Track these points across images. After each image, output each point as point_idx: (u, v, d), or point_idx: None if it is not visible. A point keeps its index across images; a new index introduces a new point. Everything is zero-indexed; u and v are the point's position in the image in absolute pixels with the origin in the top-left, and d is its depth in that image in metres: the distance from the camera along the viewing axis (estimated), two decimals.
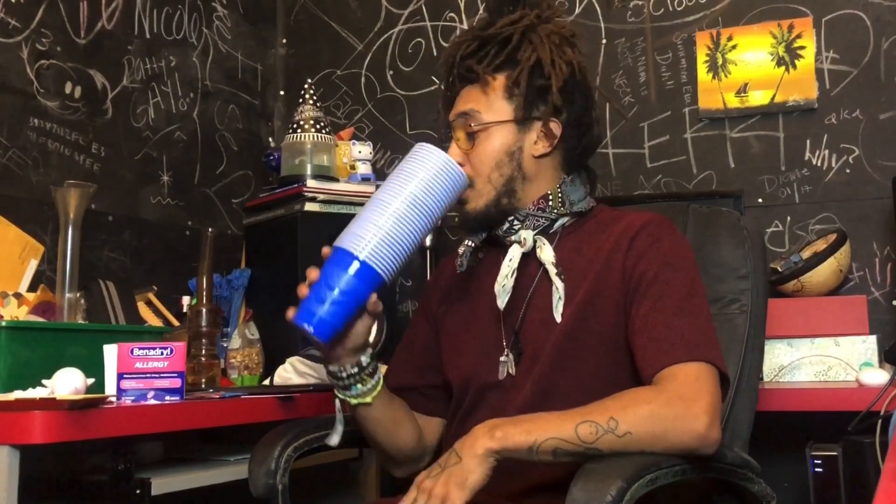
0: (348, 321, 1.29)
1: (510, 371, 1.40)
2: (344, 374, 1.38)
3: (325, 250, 1.29)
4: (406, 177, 1.28)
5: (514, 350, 1.41)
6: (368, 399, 1.40)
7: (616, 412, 1.18)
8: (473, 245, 1.46)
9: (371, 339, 1.38)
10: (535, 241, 1.40)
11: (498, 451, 1.17)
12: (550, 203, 1.43)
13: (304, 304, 1.27)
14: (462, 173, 1.31)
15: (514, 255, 1.40)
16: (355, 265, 1.25)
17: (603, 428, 1.17)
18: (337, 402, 1.42)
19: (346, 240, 1.27)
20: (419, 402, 1.56)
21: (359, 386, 1.39)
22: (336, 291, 1.25)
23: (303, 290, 1.28)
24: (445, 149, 1.38)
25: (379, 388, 1.41)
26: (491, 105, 1.42)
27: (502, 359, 1.41)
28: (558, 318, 1.35)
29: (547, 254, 1.39)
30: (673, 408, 1.19)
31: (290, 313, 1.27)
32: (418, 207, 1.27)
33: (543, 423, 1.19)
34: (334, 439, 1.43)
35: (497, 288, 1.39)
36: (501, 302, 1.39)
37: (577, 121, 1.44)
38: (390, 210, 1.26)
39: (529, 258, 1.42)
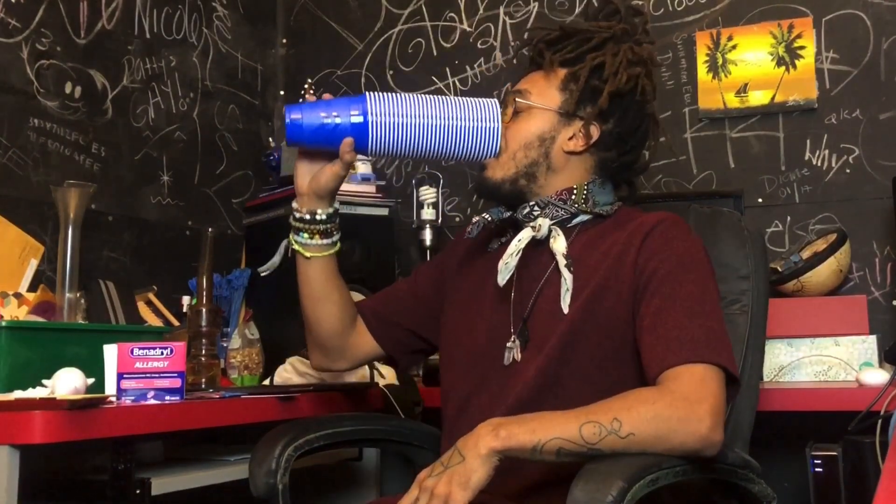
0: (318, 144, 1.38)
1: (515, 357, 1.40)
2: (296, 216, 1.47)
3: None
4: (453, 100, 1.38)
5: (522, 337, 1.41)
6: (307, 254, 1.49)
7: (620, 413, 1.17)
8: (489, 219, 1.49)
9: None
10: (550, 231, 1.41)
11: (502, 450, 1.17)
12: (574, 197, 1.45)
13: (301, 105, 1.38)
14: (498, 118, 1.38)
15: (523, 236, 1.40)
16: (357, 117, 1.36)
17: (606, 429, 1.16)
18: (285, 241, 1.52)
19: (374, 96, 1.36)
20: (371, 321, 1.62)
21: (304, 235, 1.48)
22: (332, 116, 1.36)
23: (310, 97, 1.39)
24: None
25: (325, 253, 1.50)
26: (544, 91, 1.47)
27: (509, 344, 1.42)
28: (565, 309, 1.36)
29: (559, 244, 1.39)
30: (677, 409, 1.18)
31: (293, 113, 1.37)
32: (438, 113, 1.36)
33: (548, 423, 1.18)
34: (264, 267, 1.55)
35: (500, 264, 1.39)
36: (502, 279, 1.39)
37: (620, 134, 1.47)
38: (412, 99, 1.36)
39: (544, 248, 1.42)
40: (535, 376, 1.37)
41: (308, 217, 1.46)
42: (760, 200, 2.41)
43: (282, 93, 2.96)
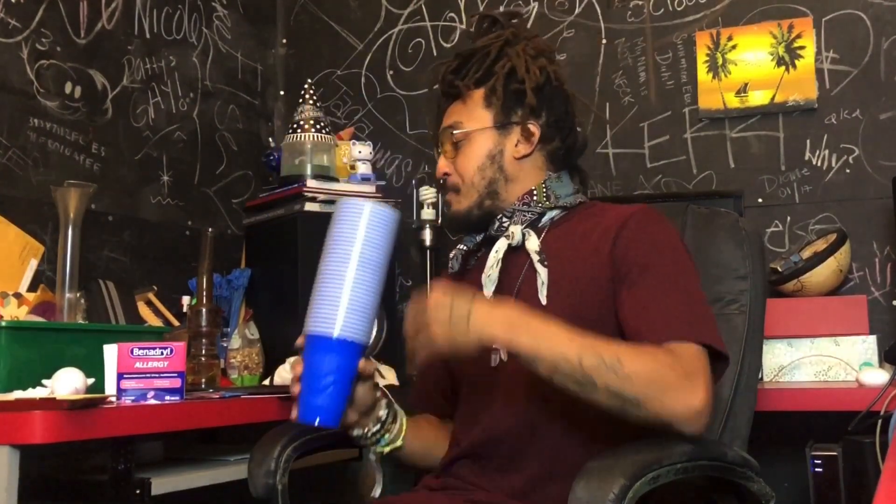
0: (348, 397, 1.31)
1: (502, 357, 1.42)
2: (369, 434, 1.43)
3: (300, 341, 1.30)
4: (344, 240, 1.30)
5: None
6: (399, 443, 1.46)
7: (624, 354, 1.20)
8: (465, 248, 1.52)
9: (374, 349, 1.41)
10: (523, 235, 1.44)
11: (501, 345, 1.25)
12: (535, 198, 1.47)
13: (301, 401, 1.28)
14: (391, 210, 1.32)
15: (500, 247, 1.45)
16: (334, 346, 1.26)
17: (606, 364, 1.19)
18: (371, 455, 1.46)
19: (315, 324, 1.28)
20: (443, 415, 1.60)
21: (386, 436, 1.44)
22: (327, 378, 1.26)
23: (295, 388, 1.30)
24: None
25: (405, 429, 1.46)
26: (471, 115, 1.50)
27: (495, 346, 1.42)
28: (543, 301, 1.38)
29: (532, 243, 1.43)
30: (677, 375, 1.20)
31: (294, 414, 1.28)
32: (367, 264, 1.29)
33: (553, 340, 1.22)
34: (377, 491, 1.47)
35: (483, 278, 1.44)
36: (488, 292, 1.43)
37: (556, 122, 1.50)
38: (344, 279, 1.27)
39: (520, 251, 1.45)
40: (524, 372, 1.37)
41: (378, 427, 1.43)
42: (760, 200, 2.41)
43: (282, 93, 2.96)
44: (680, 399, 1.19)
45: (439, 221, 2.57)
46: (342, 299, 1.27)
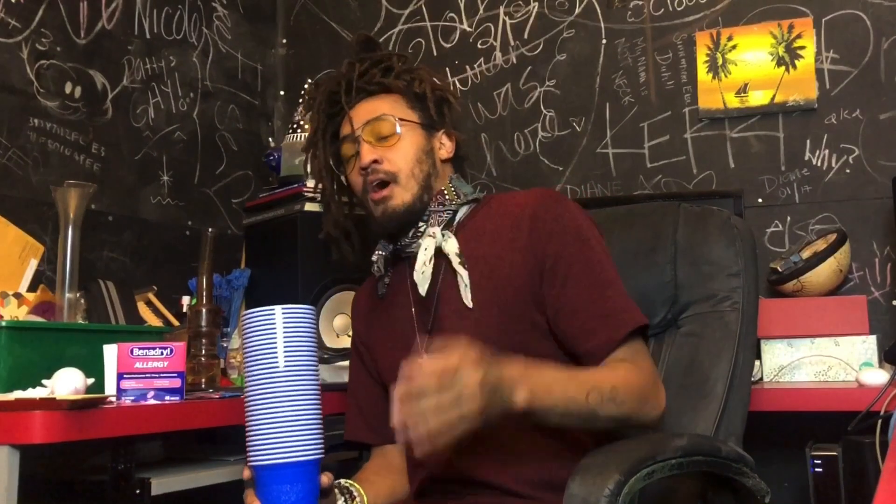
0: None
1: None
2: None
3: (247, 473, 1.22)
4: (263, 355, 1.18)
5: (430, 343, 1.42)
6: None
7: (616, 383, 1.27)
8: (384, 253, 1.53)
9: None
10: (443, 236, 1.45)
11: (528, 409, 1.17)
12: (447, 197, 1.49)
13: None
14: (304, 307, 1.22)
15: (427, 244, 1.44)
16: (287, 473, 1.17)
17: (606, 396, 1.25)
18: None
19: (259, 455, 1.17)
20: (378, 444, 1.57)
21: None
22: None
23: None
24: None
25: (366, 502, 1.40)
26: (398, 111, 1.50)
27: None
28: (468, 304, 1.40)
29: (451, 245, 1.43)
30: (649, 384, 1.32)
31: None
32: (297, 371, 1.18)
33: (561, 388, 1.23)
34: None
35: (416, 276, 1.43)
36: (423, 289, 1.43)
37: (456, 132, 1.57)
38: (275, 400, 1.17)
39: (435, 255, 1.46)
40: None
41: None
42: (760, 200, 2.41)
43: (282, 93, 2.96)
44: (655, 404, 1.33)
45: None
46: (280, 420, 1.16)
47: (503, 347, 1.35)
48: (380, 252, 1.55)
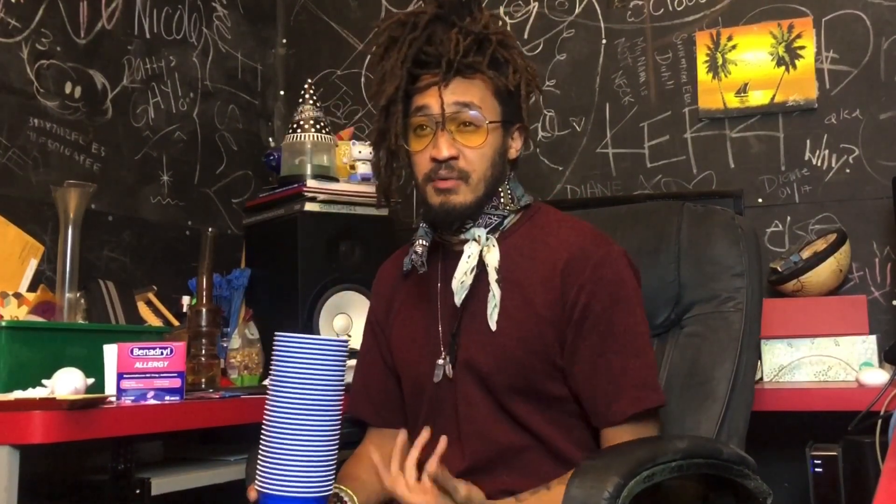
0: None
1: (448, 374, 1.40)
2: None
3: (252, 495, 1.19)
4: (294, 385, 1.15)
5: (452, 352, 1.41)
6: None
7: None
8: (426, 243, 1.44)
9: None
10: (486, 239, 1.38)
11: None
12: (502, 200, 1.41)
13: None
14: (339, 341, 1.19)
15: (472, 251, 1.37)
16: None
17: None
18: None
19: (270, 484, 1.14)
20: (377, 425, 1.55)
21: None
22: None
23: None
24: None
25: None
26: (487, 103, 1.37)
27: (439, 362, 1.41)
28: (493, 327, 1.35)
29: (493, 257, 1.37)
30: None
31: None
32: (325, 407, 1.15)
33: None
34: None
35: (455, 284, 1.37)
36: (459, 298, 1.37)
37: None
38: (298, 433, 1.13)
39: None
40: (470, 392, 1.38)
41: None
42: (760, 200, 2.41)
43: (282, 93, 2.96)
44: None
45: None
46: (303, 455, 1.13)
47: (519, 381, 1.36)
48: (423, 242, 1.43)
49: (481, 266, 1.37)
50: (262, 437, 1.16)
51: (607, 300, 1.33)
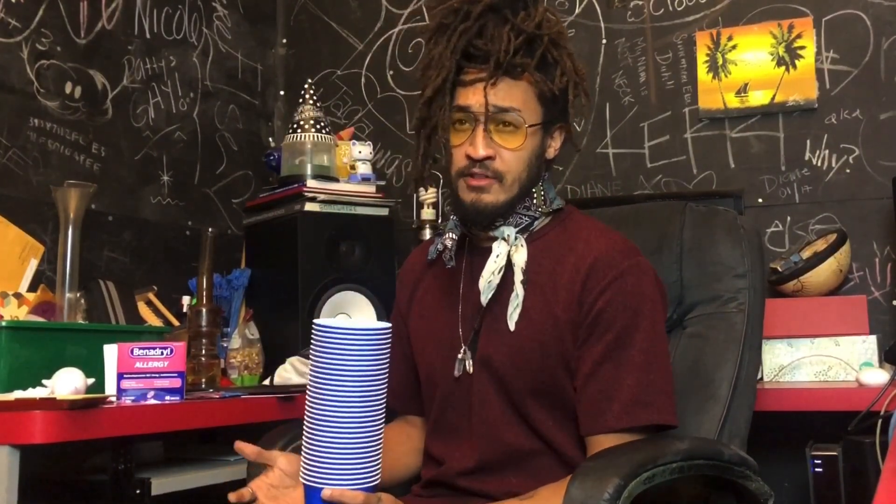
0: None
1: (467, 369, 1.40)
2: None
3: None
4: (339, 377, 1.12)
5: (472, 349, 1.41)
6: None
7: None
8: (455, 237, 1.43)
9: None
10: (516, 240, 1.38)
11: None
12: (535, 201, 1.40)
13: None
14: (384, 325, 1.18)
15: (501, 251, 1.37)
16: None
17: None
18: None
19: (316, 476, 1.12)
20: (396, 410, 1.55)
21: None
22: None
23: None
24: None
25: None
26: (529, 105, 1.35)
27: (459, 356, 1.41)
28: (511, 327, 1.35)
29: (520, 257, 1.36)
30: None
31: None
32: (372, 396, 1.13)
33: None
34: None
35: (482, 283, 1.36)
36: (485, 298, 1.36)
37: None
38: (345, 424, 1.12)
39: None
40: (488, 388, 1.37)
41: None
42: (760, 200, 2.41)
43: (282, 93, 2.96)
44: None
45: (439, 221, 2.57)
46: (349, 447, 1.12)
47: (535, 383, 1.35)
48: (452, 235, 1.42)
49: (507, 265, 1.37)
50: (306, 430, 1.14)
51: (622, 311, 1.31)
